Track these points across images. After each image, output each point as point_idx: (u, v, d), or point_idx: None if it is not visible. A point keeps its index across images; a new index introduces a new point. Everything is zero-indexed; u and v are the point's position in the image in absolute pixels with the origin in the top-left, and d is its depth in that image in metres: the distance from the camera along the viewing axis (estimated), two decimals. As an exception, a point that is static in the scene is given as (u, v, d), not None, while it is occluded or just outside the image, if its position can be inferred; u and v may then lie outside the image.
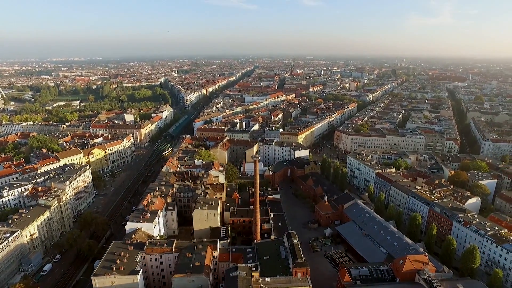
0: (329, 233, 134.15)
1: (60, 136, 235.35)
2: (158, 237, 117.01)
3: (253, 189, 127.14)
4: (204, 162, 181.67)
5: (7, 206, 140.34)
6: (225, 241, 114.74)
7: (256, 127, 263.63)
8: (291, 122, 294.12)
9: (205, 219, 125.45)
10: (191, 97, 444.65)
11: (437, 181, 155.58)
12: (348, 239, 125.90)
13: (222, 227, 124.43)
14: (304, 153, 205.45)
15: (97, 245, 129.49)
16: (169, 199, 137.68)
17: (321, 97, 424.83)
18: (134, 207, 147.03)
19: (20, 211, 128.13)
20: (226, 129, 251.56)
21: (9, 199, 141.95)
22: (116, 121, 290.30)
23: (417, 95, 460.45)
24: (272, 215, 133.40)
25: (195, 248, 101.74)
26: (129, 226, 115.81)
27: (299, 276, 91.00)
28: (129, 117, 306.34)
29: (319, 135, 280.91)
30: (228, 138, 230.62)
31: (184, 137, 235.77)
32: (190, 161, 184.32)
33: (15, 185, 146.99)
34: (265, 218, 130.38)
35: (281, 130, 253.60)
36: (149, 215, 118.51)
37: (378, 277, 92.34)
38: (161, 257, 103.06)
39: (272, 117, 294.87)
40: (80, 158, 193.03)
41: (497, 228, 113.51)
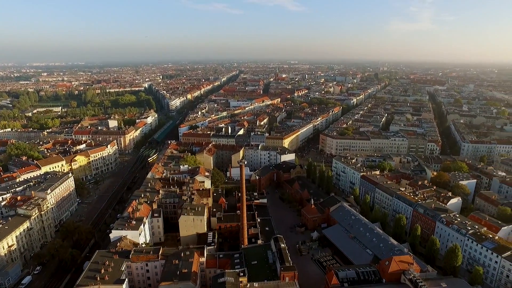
0: (316, 236, 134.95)
1: (40, 143, 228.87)
2: (144, 245, 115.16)
3: (240, 194, 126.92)
4: (189, 167, 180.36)
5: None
6: (212, 247, 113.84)
7: (241, 132, 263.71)
8: (276, 126, 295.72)
9: (191, 225, 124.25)
10: (176, 102, 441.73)
11: (420, 183, 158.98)
12: (335, 242, 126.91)
13: (209, 233, 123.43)
14: (290, 157, 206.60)
15: (81, 254, 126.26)
16: (155, 206, 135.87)
17: (306, 101, 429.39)
18: (119, 215, 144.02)
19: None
20: (211, 134, 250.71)
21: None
22: (99, 127, 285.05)
23: (399, 98, 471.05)
24: (259, 220, 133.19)
25: (182, 254, 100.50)
26: (114, 234, 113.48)
27: (287, 280, 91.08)
28: (113, 123, 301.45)
29: (305, 139, 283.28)
30: (213, 143, 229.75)
31: (169, 142, 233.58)
32: (175, 167, 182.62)
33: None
34: (252, 222, 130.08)
35: (267, 134, 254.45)
36: (134, 222, 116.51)
37: (365, 279, 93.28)
38: (147, 265, 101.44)
39: (257, 122, 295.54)
40: (62, 165, 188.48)
41: (477, 227, 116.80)
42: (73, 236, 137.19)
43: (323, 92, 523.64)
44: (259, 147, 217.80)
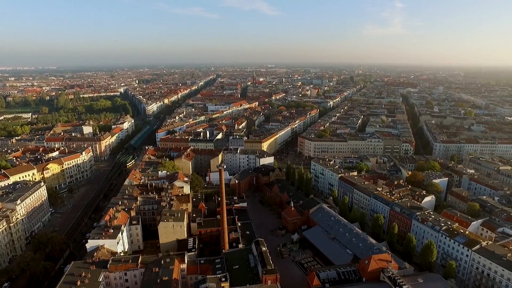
0: (296, 239, 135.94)
1: (9, 151, 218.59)
2: (122, 254, 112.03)
3: (219, 199, 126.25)
4: (168, 173, 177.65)
5: None
6: (192, 253, 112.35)
7: (220, 136, 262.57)
8: (255, 130, 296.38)
9: (171, 231, 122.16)
10: (152, 107, 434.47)
11: (396, 182, 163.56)
12: (315, 243, 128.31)
13: (189, 239, 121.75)
14: (268, 160, 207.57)
15: (54, 267, 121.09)
16: (133, 213, 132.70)
17: (283, 104, 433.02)
18: (95, 223, 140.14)
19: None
20: (189, 139, 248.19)
21: None
22: (73, 134, 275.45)
23: (374, 100, 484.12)
24: (239, 224, 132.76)
25: (162, 262, 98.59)
26: (90, 243, 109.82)
27: (269, 283, 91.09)
28: (87, 129, 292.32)
29: (283, 142, 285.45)
30: (192, 148, 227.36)
31: (146, 148, 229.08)
32: (153, 173, 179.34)
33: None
34: (232, 227, 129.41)
35: (245, 138, 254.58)
36: (112, 230, 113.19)
37: (345, 279, 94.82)
38: (126, 274, 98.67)
39: (235, 126, 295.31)
40: (33, 174, 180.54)
41: (449, 223, 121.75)
42: (46, 247, 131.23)
43: (300, 95, 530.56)
44: (238, 151, 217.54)
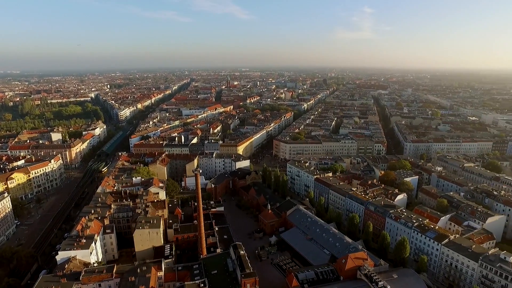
0: (274, 241, 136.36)
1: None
2: (96, 264, 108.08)
3: (196, 204, 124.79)
4: (143, 179, 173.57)
5: None
6: (170, 260, 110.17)
7: (195, 140, 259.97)
8: (230, 133, 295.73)
9: (147, 238, 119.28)
10: (125, 113, 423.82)
11: (370, 182, 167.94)
12: (293, 244, 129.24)
13: (166, 246, 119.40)
14: (245, 164, 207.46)
15: (20, 282, 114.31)
16: (107, 221, 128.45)
17: (258, 107, 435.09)
18: (66, 234, 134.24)
19: None
20: (164, 144, 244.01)
21: None
22: (41, 141, 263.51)
23: (347, 102, 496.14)
24: (216, 228, 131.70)
25: (138, 270, 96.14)
26: (61, 255, 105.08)
27: (248, 287, 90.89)
28: (56, 136, 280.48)
29: (259, 145, 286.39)
30: (167, 153, 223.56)
31: (120, 154, 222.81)
32: (127, 179, 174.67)
33: None
34: (209, 232, 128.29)
35: (221, 142, 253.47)
36: (84, 240, 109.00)
37: (324, 278, 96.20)
38: (100, 285, 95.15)
39: (211, 130, 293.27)
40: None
41: (421, 219, 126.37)
42: (11, 263, 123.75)
43: (275, 98, 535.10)
44: (214, 155, 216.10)
